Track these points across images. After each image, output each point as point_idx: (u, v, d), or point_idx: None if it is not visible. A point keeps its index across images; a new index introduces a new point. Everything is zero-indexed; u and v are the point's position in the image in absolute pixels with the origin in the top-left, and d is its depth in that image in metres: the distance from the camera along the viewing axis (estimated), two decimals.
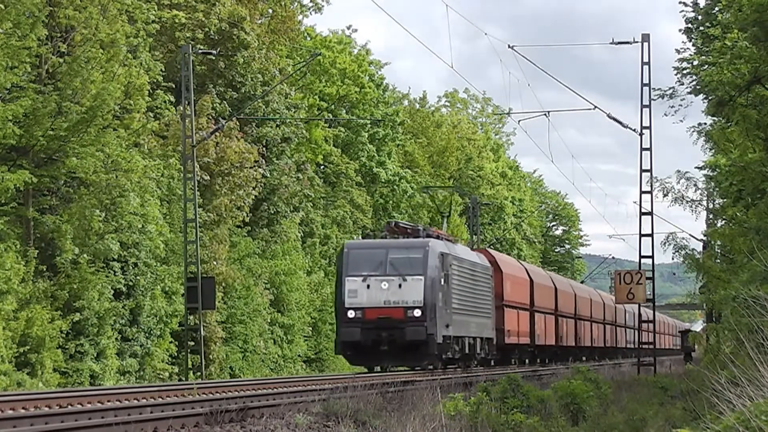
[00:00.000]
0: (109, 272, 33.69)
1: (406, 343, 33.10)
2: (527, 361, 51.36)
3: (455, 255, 36.92)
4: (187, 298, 36.52)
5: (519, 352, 49.26)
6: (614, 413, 19.89)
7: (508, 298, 45.87)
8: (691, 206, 29.63)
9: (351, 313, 33.29)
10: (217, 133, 40.80)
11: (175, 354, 37.73)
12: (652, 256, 36.25)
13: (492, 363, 43.84)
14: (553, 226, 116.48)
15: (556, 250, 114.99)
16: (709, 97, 31.06)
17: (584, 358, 63.56)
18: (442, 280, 34.45)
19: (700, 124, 35.01)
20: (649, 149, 36.13)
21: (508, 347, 45.94)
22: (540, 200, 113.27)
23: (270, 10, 51.95)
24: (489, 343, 41.54)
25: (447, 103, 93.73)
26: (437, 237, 36.85)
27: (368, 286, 33.37)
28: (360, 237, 56.89)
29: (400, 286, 33.31)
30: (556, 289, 56.86)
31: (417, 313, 33.05)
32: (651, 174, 35.68)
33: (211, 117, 42.50)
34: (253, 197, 44.14)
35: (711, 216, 38.67)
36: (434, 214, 70.06)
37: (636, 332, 76.35)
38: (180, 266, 37.58)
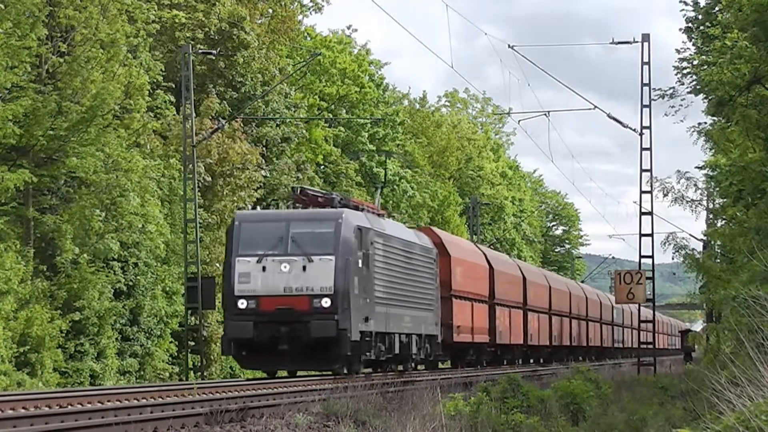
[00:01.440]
0: (109, 272, 33.71)
1: (312, 341, 26.71)
2: (486, 362, 44.32)
3: (380, 231, 30.08)
4: (188, 298, 36.52)
5: (475, 352, 42.45)
6: (614, 413, 19.89)
7: (459, 288, 39.06)
8: (691, 206, 29.63)
9: (242, 303, 26.95)
10: (219, 134, 40.82)
11: (176, 354, 37.75)
12: (652, 256, 36.26)
13: (437, 366, 38.08)
14: (553, 226, 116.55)
15: (556, 250, 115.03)
16: (709, 97, 31.08)
17: (564, 360, 58.13)
18: (360, 262, 27.86)
19: (700, 124, 35.06)
20: (649, 149, 36.15)
21: (458, 346, 39.44)
22: (540, 200, 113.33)
23: (270, 10, 51.97)
24: (431, 342, 34.58)
25: (447, 103, 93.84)
26: (357, 208, 30.13)
27: (264, 269, 27.02)
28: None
29: (304, 268, 26.90)
30: (525, 279, 50.39)
31: (325, 302, 26.66)
32: (651, 174, 35.71)
33: (212, 117, 42.54)
34: (255, 199, 44.15)
35: (711, 216, 38.66)
36: (434, 213, 70.08)
37: (624, 330, 74.26)
38: (180, 266, 37.60)
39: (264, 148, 46.88)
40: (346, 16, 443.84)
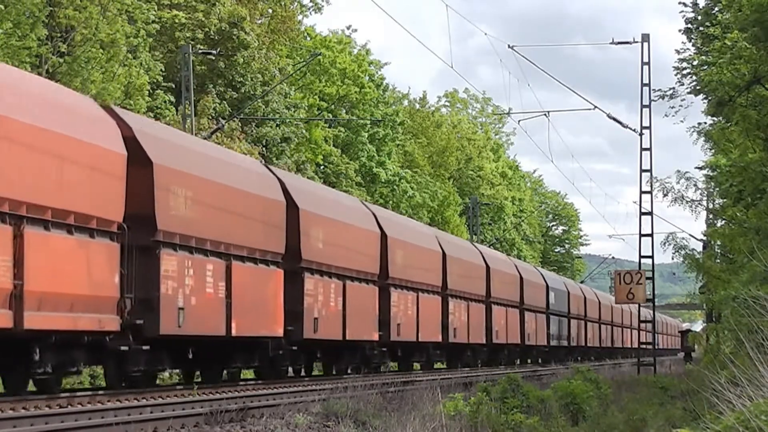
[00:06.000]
0: None
1: None
2: (162, 377, 26.59)
3: None
4: None
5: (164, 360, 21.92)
6: (614, 413, 19.90)
7: (8, 195, 16.06)
8: (691, 206, 29.63)
9: None
10: (218, 134, 40.83)
11: None
12: (652, 256, 36.25)
13: None
14: (553, 226, 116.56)
15: (556, 250, 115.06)
16: (709, 98, 31.06)
17: (418, 365, 39.37)
18: None
19: (700, 124, 35.05)
20: (649, 149, 36.16)
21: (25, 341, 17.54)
22: (540, 200, 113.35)
23: (270, 10, 52.00)
24: None
25: (447, 103, 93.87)
26: None
27: None
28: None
29: None
30: (385, 235, 31.92)
31: None
32: (651, 174, 35.71)
33: (211, 117, 42.57)
34: None
35: (711, 216, 38.66)
36: (434, 213, 70.10)
37: (569, 322, 68.12)
38: None
39: (264, 148, 46.90)
40: (341, 15, 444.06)
